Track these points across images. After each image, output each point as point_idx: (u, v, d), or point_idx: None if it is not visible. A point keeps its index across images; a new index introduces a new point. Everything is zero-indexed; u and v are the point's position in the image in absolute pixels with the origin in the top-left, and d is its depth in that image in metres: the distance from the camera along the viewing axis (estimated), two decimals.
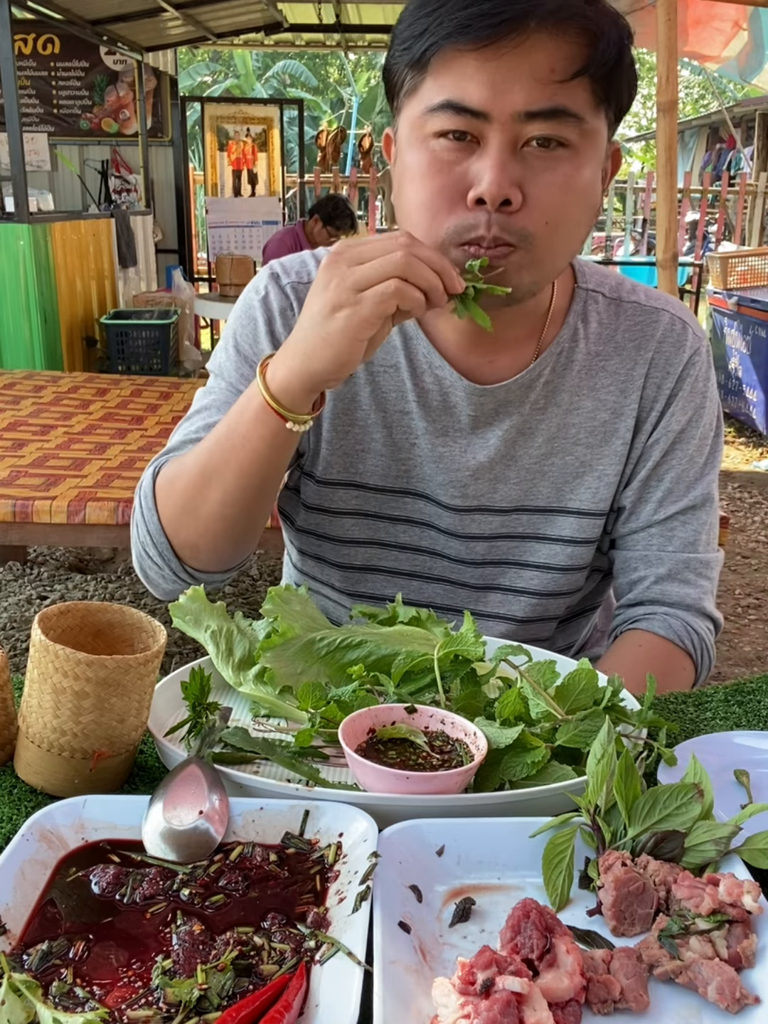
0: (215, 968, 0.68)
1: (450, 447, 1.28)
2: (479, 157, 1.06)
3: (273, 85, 27.13)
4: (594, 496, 1.29)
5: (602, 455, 1.29)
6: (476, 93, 1.03)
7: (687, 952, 0.70)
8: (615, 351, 1.29)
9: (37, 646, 0.90)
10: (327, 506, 1.34)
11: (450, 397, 1.26)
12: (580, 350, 1.28)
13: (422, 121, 1.08)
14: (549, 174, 1.07)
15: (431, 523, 1.32)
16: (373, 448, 1.30)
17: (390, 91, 1.15)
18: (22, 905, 0.75)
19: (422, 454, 1.29)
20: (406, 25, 1.08)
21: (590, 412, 1.28)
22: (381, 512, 1.33)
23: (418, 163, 1.09)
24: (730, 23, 5.72)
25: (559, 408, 1.27)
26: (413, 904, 0.76)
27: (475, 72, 1.03)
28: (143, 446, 3.33)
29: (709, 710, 1.12)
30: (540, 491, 1.29)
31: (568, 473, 1.29)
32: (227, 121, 9.56)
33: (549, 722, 0.94)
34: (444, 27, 1.02)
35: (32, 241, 5.91)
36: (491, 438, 1.27)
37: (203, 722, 0.97)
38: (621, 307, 1.31)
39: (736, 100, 17.96)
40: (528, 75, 1.02)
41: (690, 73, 25.48)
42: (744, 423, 7.21)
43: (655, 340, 1.29)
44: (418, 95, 1.08)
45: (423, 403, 1.27)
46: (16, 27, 6.13)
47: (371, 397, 1.29)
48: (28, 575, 4.36)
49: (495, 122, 1.04)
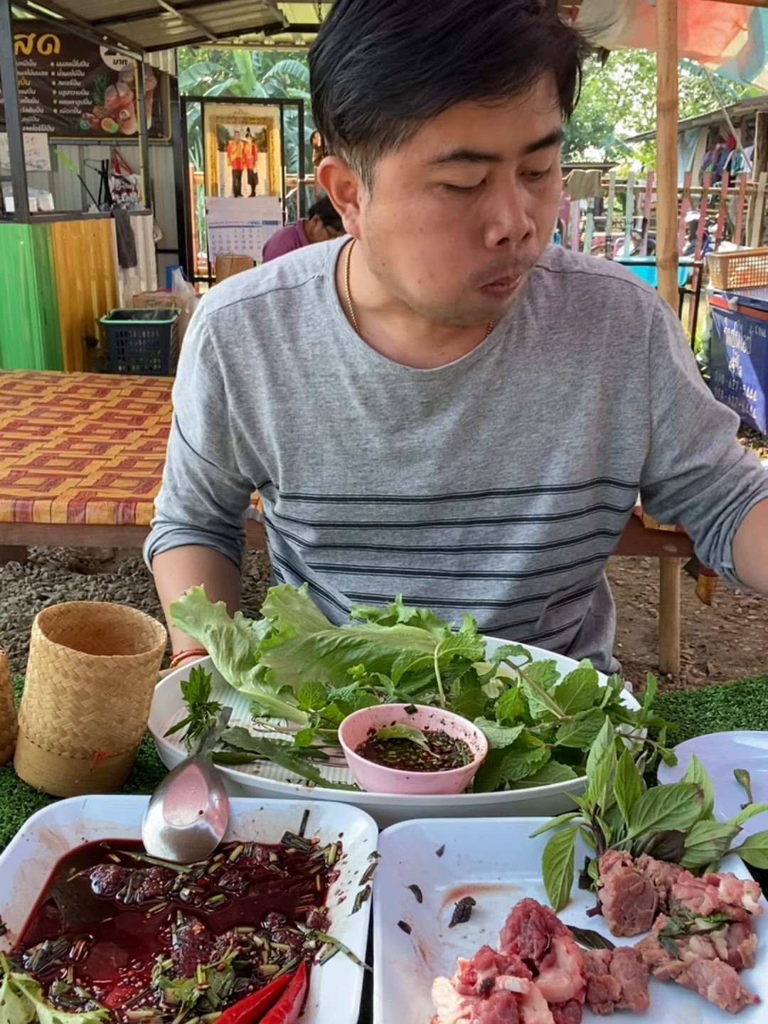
0: (215, 968, 0.68)
1: (408, 439, 1.28)
2: (489, 195, 1.04)
3: (273, 85, 27.14)
4: (565, 470, 1.29)
5: (567, 428, 1.28)
6: (490, 139, 1.01)
7: (687, 952, 0.70)
8: (567, 323, 1.28)
9: (37, 646, 0.90)
10: (295, 517, 1.34)
11: (397, 391, 1.26)
12: (531, 326, 1.28)
13: (425, 170, 1.02)
14: (545, 196, 1.08)
15: (400, 522, 1.32)
16: (326, 459, 1.30)
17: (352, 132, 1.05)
18: (22, 905, 0.75)
19: (377, 456, 1.29)
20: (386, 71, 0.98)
21: (549, 387, 1.28)
22: (349, 520, 1.32)
23: (427, 213, 1.05)
24: (730, 23, 5.72)
25: (517, 387, 1.27)
26: (413, 904, 0.76)
27: (486, 116, 0.99)
28: (143, 446, 3.33)
29: (709, 710, 1.12)
30: (510, 472, 1.29)
31: (536, 451, 1.29)
32: (227, 121, 9.57)
33: (549, 722, 0.94)
34: (455, 81, 0.96)
35: (32, 241, 5.91)
36: (447, 422, 1.27)
37: (203, 722, 0.98)
38: (566, 278, 1.30)
39: (736, 100, 17.96)
40: (530, 111, 1.01)
41: (690, 73, 25.48)
42: (744, 423, 7.20)
43: (608, 307, 1.29)
44: (415, 144, 1.01)
45: (370, 404, 1.27)
46: (16, 27, 6.13)
47: (314, 409, 1.28)
48: (28, 575, 4.36)
49: (505, 160, 1.03)
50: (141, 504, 2.68)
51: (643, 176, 11.01)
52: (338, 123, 1.05)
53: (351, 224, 1.15)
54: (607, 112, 36.66)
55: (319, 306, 1.28)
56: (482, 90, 0.97)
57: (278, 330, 1.28)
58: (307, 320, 1.28)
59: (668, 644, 3.51)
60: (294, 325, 1.28)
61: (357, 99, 1.01)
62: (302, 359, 1.27)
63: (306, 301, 1.28)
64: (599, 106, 36.13)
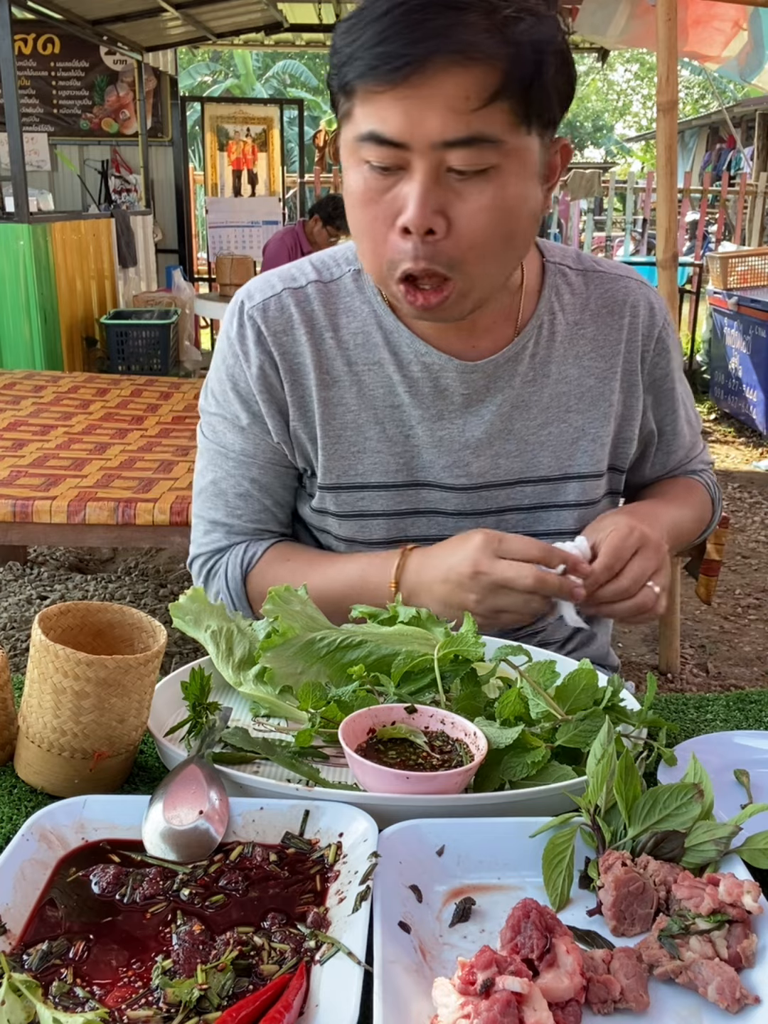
0: (215, 968, 0.68)
1: (448, 429, 1.32)
2: (405, 183, 1.09)
3: (273, 85, 27.13)
4: (591, 459, 1.36)
5: (593, 419, 1.36)
6: (394, 125, 1.06)
7: (687, 952, 0.70)
8: (591, 319, 1.36)
9: (37, 646, 0.90)
10: (332, 509, 1.35)
11: (440, 380, 1.30)
12: (559, 322, 1.34)
13: (355, 147, 1.11)
14: (473, 199, 1.09)
15: (439, 509, 1.35)
16: (368, 447, 1.32)
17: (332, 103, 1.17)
18: (22, 905, 0.75)
19: (420, 443, 1.32)
20: (335, 49, 1.10)
21: (577, 380, 1.35)
22: (388, 509, 1.35)
23: (356, 187, 1.13)
24: (730, 23, 5.71)
25: (549, 379, 1.33)
26: (413, 904, 0.76)
27: (391, 104, 1.05)
28: (143, 446, 3.33)
29: (710, 712, 1.12)
30: (541, 461, 1.35)
31: (565, 441, 1.35)
32: (227, 121, 9.56)
33: (549, 722, 0.94)
34: (358, 64, 1.05)
35: (32, 241, 5.91)
36: (486, 413, 1.32)
37: (203, 722, 0.98)
38: (588, 277, 1.38)
39: (736, 100, 17.95)
40: (442, 106, 1.03)
41: (690, 73, 25.49)
42: (744, 423, 7.21)
43: (628, 306, 1.38)
44: (351, 120, 1.11)
45: (414, 392, 1.30)
46: (16, 27, 6.13)
47: (358, 397, 1.31)
48: (28, 575, 4.36)
49: (415, 152, 1.06)
50: (141, 504, 2.68)
51: (643, 176, 11.01)
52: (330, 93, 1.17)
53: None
54: (607, 112, 36.65)
55: (358, 297, 1.32)
56: (371, 74, 1.05)
57: (321, 319, 1.31)
58: (347, 311, 1.31)
59: (668, 644, 3.51)
60: (335, 316, 1.31)
61: (327, 77, 1.14)
62: (344, 348, 1.31)
63: (344, 293, 1.32)
64: (599, 106, 36.13)
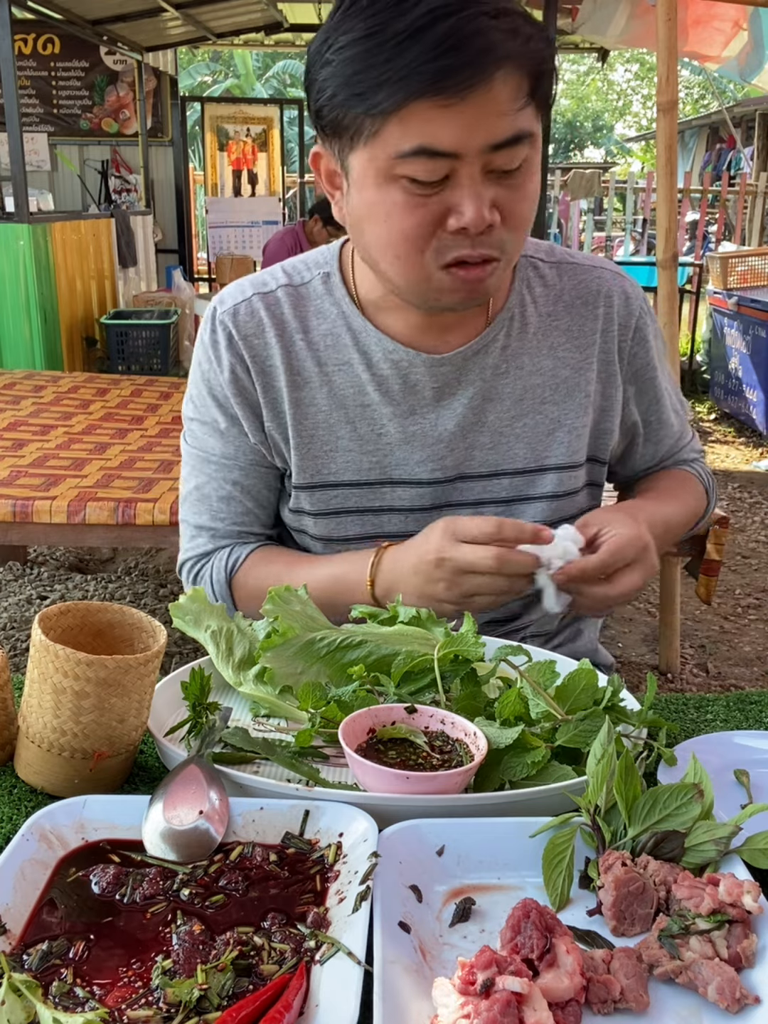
0: (215, 968, 0.68)
1: (420, 424, 1.32)
2: (453, 189, 1.09)
3: (273, 85, 27.13)
4: (568, 449, 1.36)
5: (568, 409, 1.36)
6: (448, 137, 1.05)
7: (687, 952, 0.70)
8: (565, 311, 1.36)
9: (37, 646, 0.90)
10: (307, 508, 1.36)
11: (410, 376, 1.31)
12: (531, 314, 1.35)
13: (390, 164, 1.09)
14: (517, 190, 1.12)
15: (413, 506, 1.35)
16: (340, 446, 1.33)
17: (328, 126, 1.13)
18: (22, 905, 0.75)
19: (392, 440, 1.33)
20: (354, 71, 1.05)
21: (551, 371, 1.35)
22: (363, 506, 1.35)
23: (391, 201, 1.11)
24: (730, 23, 5.72)
25: (521, 371, 1.34)
26: (413, 904, 0.76)
27: (444, 117, 1.05)
28: (143, 446, 3.33)
29: (710, 713, 1.12)
30: (516, 453, 1.35)
31: (540, 432, 1.35)
32: (227, 121, 9.57)
33: (549, 722, 0.94)
34: (412, 82, 1.02)
35: (32, 241, 5.91)
36: (457, 406, 1.32)
37: (203, 722, 0.97)
38: (562, 269, 1.39)
39: (736, 100, 17.95)
40: (492, 112, 1.06)
41: (690, 73, 25.48)
42: (744, 423, 7.21)
43: (602, 296, 1.38)
44: (380, 139, 1.08)
45: (384, 390, 1.31)
46: (16, 27, 6.13)
47: (328, 397, 1.32)
48: (28, 575, 4.35)
49: (465, 159, 1.07)
50: (141, 504, 2.67)
51: (643, 176, 11.01)
52: (317, 118, 1.13)
53: (338, 211, 1.22)
54: (607, 112, 36.65)
55: (327, 300, 1.33)
56: (436, 89, 1.03)
57: (291, 322, 1.33)
58: (316, 313, 1.33)
59: (668, 644, 3.50)
60: (305, 318, 1.33)
61: (330, 96, 1.09)
62: (315, 349, 1.32)
63: (314, 296, 1.33)
64: (599, 106, 36.13)
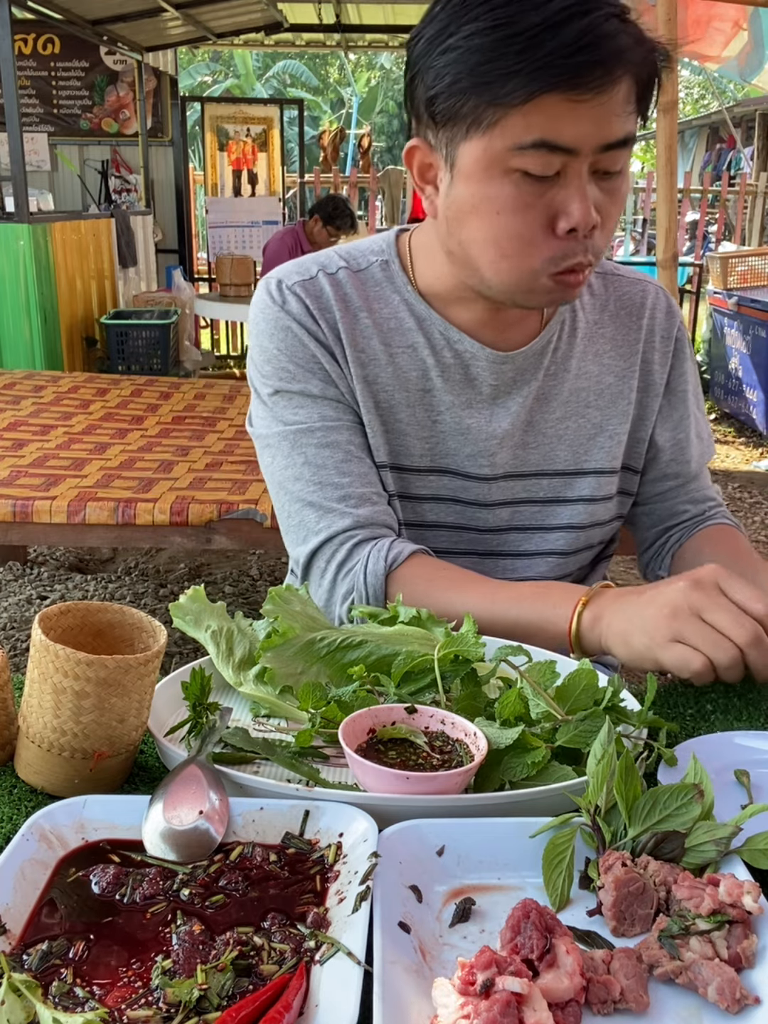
0: (215, 968, 0.68)
1: (475, 418, 1.34)
2: (562, 187, 1.11)
3: (273, 85, 27.12)
4: (608, 455, 1.40)
5: (611, 415, 1.40)
6: (571, 133, 1.07)
7: (687, 952, 0.70)
8: (610, 320, 1.41)
9: (37, 646, 0.90)
10: None
11: (471, 369, 1.32)
12: (580, 319, 1.39)
13: (506, 156, 1.10)
14: (613, 194, 1.16)
15: (456, 497, 1.37)
16: (397, 428, 1.34)
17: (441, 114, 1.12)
18: (22, 905, 0.75)
19: (446, 430, 1.34)
20: (480, 60, 1.05)
21: (596, 376, 1.39)
22: (409, 492, 1.36)
23: (503, 197, 1.12)
24: (730, 23, 5.72)
25: (569, 374, 1.37)
26: (413, 904, 0.76)
27: (572, 113, 1.06)
28: (143, 446, 3.33)
29: (709, 702, 1.13)
30: (559, 455, 1.38)
31: (583, 435, 1.38)
32: (227, 121, 9.56)
33: (549, 722, 0.94)
34: (546, 75, 1.03)
35: (32, 241, 5.91)
36: (512, 406, 1.34)
37: (203, 722, 0.97)
38: (607, 279, 1.44)
39: (736, 100, 17.94)
40: (611, 113, 1.09)
41: (690, 73, 25.45)
42: (744, 423, 7.21)
43: (647, 309, 1.43)
44: (499, 130, 1.08)
45: (446, 377, 1.33)
46: (16, 27, 6.12)
47: (393, 377, 1.33)
48: (28, 575, 4.35)
49: (579, 157, 1.09)
50: (141, 504, 2.68)
51: (643, 176, 10.99)
52: (429, 105, 1.13)
53: (430, 205, 1.22)
54: None
55: (388, 287, 1.34)
56: (570, 84, 1.04)
57: (355, 301, 1.33)
58: (378, 298, 1.34)
59: None
60: (368, 300, 1.34)
61: (451, 83, 1.09)
62: (380, 329, 1.33)
63: (372, 283, 1.35)
64: None
